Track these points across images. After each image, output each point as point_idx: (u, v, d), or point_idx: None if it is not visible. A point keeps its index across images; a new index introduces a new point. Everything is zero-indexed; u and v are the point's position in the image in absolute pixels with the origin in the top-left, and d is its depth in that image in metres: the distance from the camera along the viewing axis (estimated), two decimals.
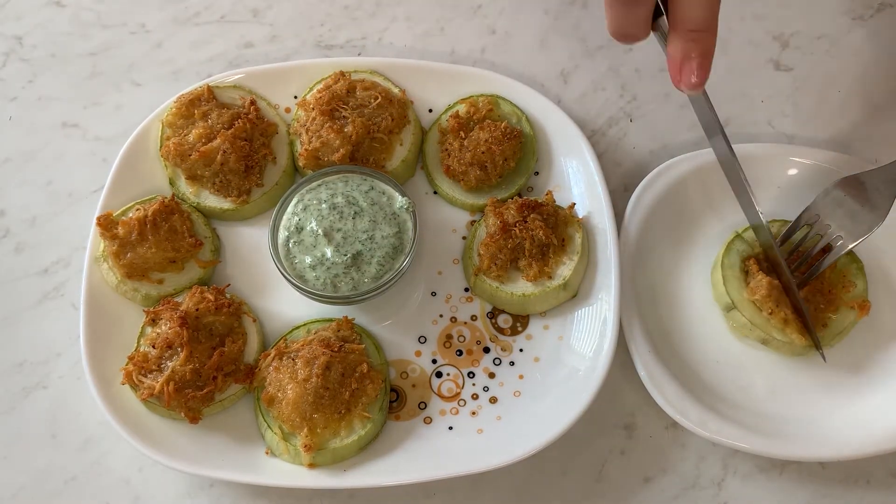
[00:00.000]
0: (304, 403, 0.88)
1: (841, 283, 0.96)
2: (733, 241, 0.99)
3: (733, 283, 0.96)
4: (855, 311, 0.95)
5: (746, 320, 0.95)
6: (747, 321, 0.95)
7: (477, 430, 0.93)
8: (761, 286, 0.94)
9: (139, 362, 0.90)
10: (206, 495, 0.93)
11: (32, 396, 0.98)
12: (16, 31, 1.18)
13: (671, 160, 1.03)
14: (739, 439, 0.89)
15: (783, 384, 0.96)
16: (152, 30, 1.18)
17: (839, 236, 0.94)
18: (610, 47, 1.17)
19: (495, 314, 0.99)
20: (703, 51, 0.77)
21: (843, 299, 0.96)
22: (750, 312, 0.95)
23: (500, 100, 1.05)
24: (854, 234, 0.93)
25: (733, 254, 0.98)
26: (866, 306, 0.94)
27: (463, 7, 1.20)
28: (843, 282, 0.96)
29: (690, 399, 0.91)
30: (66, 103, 1.14)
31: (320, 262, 0.92)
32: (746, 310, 0.95)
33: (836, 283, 0.96)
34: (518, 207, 0.97)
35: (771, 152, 1.05)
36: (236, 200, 1.00)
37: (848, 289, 0.96)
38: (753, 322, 0.94)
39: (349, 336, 0.94)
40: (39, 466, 0.95)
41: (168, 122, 1.02)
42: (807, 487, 0.93)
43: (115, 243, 0.94)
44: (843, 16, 1.19)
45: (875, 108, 1.13)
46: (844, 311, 0.96)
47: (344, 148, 0.98)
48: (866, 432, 0.91)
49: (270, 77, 1.07)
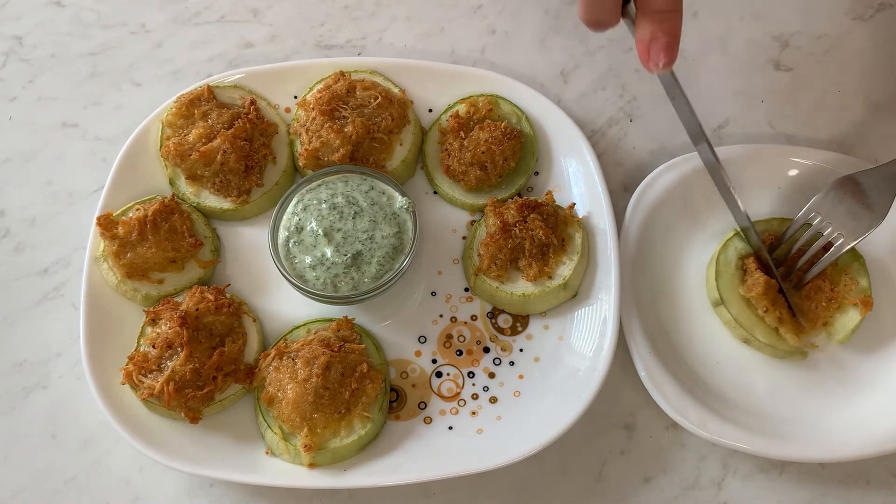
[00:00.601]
0: (304, 403, 0.88)
1: (843, 280, 0.96)
2: (732, 239, 0.99)
3: (725, 280, 0.97)
4: (859, 308, 0.95)
5: (731, 317, 0.95)
6: (732, 318, 0.95)
7: (477, 430, 0.93)
8: (758, 284, 0.95)
9: (139, 362, 0.90)
10: (206, 495, 0.93)
11: (32, 396, 0.98)
12: (16, 31, 1.18)
13: (672, 160, 1.03)
14: (740, 440, 0.89)
15: (784, 384, 0.96)
16: (152, 30, 1.18)
17: (839, 234, 0.94)
18: (610, 47, 1.17)
19: (495, 314, 0.99)
20: (670, 30, 0.79)
21: (846, 297, 0.96)
22: (736, 310, 0.95)
23: (500, 100, 1.05)
24: (854, 232, 0.94)
25: (730, 250, 0.98)
26: (869, 302, 0.94)
27: (463, 7, 1.20)
28: (845, 279, 0.96)
29: (690, 399, 0.91)
30: (66, 103, 1.14)
31: (320, 262, 0.92)
32: (733, 307, 0.95)
33: (839, 281, 0.97)
34: (518, 207, 0.97)
35: (771, 152, 1.05)
36: (236, 200, 1.00)
37: (850, 286, 0.96)
38: (738, 320, 0.95)
39: (349, 336, 0.94)
40: (39, 466, 0.95)
41: (168, 122, 1.02)
42: (807, 487, 0.93)
43: (115, 243, 0.94)
44: (843, 16, 1.19)
45: (875, 108, 1.13)
46: (847, 309, 0.96)
47: (344, 148, 0.98)
48: (867, 433, 0.91)
49: (270, 77, 1.07)
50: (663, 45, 0.80)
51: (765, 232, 1.00)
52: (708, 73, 1.16)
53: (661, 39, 0.79)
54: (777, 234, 1.00)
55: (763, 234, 1.00)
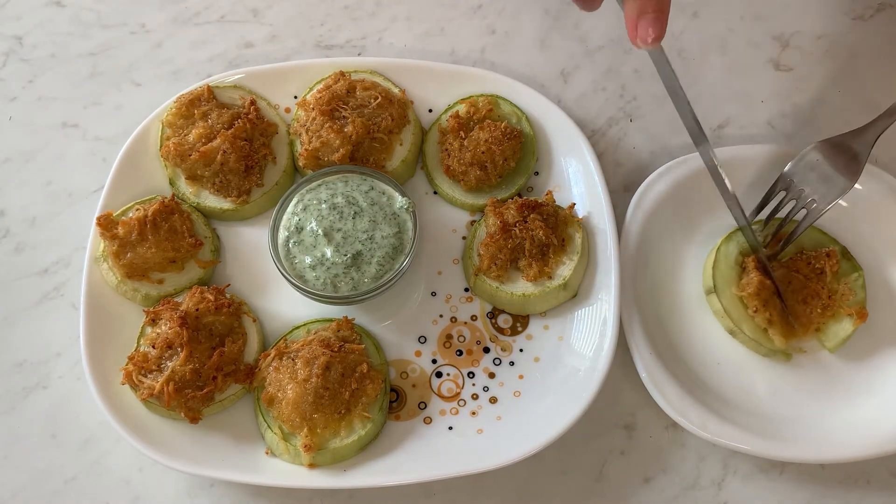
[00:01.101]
0: (304, 403, 0.88)
1: (841, 289, 0.97)
2: (735, 233, 0.99)
3: (722, 270, 0.97)
4: (853, 319, 0.95)
5: (721, 307, 0.95)
6: (722, 308, 0.95)
7: (477, 430, 0.93)
8: (752, 283, 0.95)
9: (139, 362, 0.90)
10: (207, 495, 0.93)
11: (32, 396, 0.98)
12: (16, 31, 1.18)
13: (672, 161, 1.03)
14: (740, 440, 0.89)
15: (784, 386, 0.96)
16: (152, 30, 1.18)
17: (813, 200, 0.95)
18: (610, 47, 1.17)
19: (495, 314, 0.99)
20: (658, 6, 0.80)
21: (843, 305, 0.96)
22: (727, 300, 0.96)
23: (500, 100, 1.05)
24: (827, 197, 0.94)
25: (732, 244, 0.98)
26: (864, 315, 0.95)
27: (463, 7, 1.20)
28: (843, 289, 0.97)
29: (690, 400, 0.91)
30: (66, 103, 1.14)
31: (320, 262, 0.92)
32: (725, 297, 0.96)
33: (836, 290, 0.97)
34: (518, 207, 0.97)
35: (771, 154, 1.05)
36: (236, 200, 1.00)
37: (847, 296, 0.96)
38: (727, 310, 0.95)
39: (349, 336, 0.94)
40: (39, 466, 0.95)
41: (168, 122, 1.02)
42: (807, 487, 0.93)
43: (115, 243, 0.94)
44: (843, 16, 1.19)
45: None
46: (841, 318, 0.96)
47: (344, 148, 0.98)
48: (867, 434, 0.91)
49: (270, 77, 1.07)
50: (651, 20, 0.80)
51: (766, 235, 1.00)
52: (708, 73, 1.16)
53: (648, 14, 0.79)
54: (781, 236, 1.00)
55: (764, 236, 1.00)
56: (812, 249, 0.99)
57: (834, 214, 1.00)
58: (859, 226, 1.01)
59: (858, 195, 1.00)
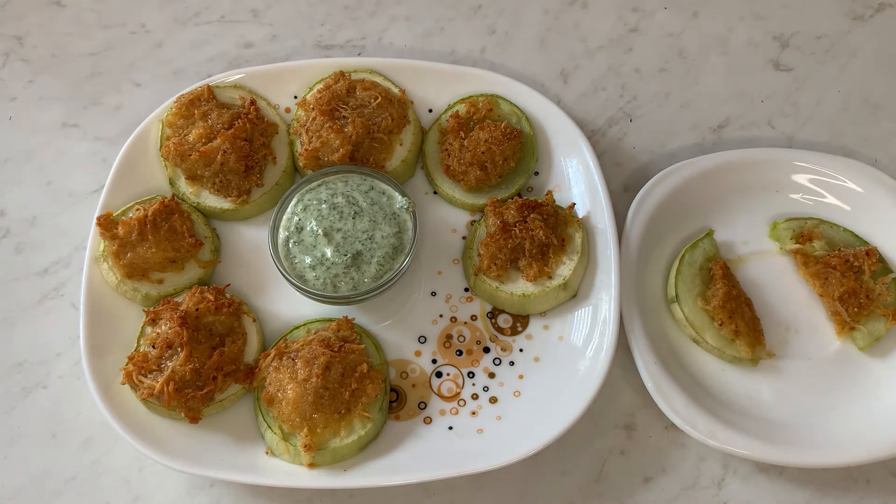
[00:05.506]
0: (304, 403, 0.88)
1: (878, 289, 0.97)
2: (702, 239, 0.99)
3: (685, 278, 0.97)
4: (888, 319, 0.95)
5: (683, 316, 0.95)
6: (684, 317, 0.95)
7: (477, 430, 0.93)
8: (717, 295, 0.95)
9: (139, 362, 0.90)
10: (206, 495, 0.93)
11: (32, 396, 0.98)
12: (16, 31, 1.18)
13: (674, 165, 1.02)
14: (741, 445, 0.89)
15: (786, 389, 0.95)
16: (152, 30, 1.18)
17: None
18: (610, 47, 1.17)
19: (495, 314, 0.99)
20: None
21: (879, 306, 0.96)
22: (690, 309, 0.96)
23: (499, 100, 1.05)
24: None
25: (698, 250, 0.98)
26: None
27: (463, 7, 1.20)
28: (879, 288, 0.97)
29: (692, 403, 0.91)
30: (66, 103, 1.14)
31: (320, 262, 0.92)
32: (687, 305, 0.96)
33: (874, 289, 0.97)
34: (518, 207, 0.97)
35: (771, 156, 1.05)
36: (236, 200, 1.00)
37: (885, 296, 0.97)
38: (689, 319, 0.95)
39: (349, 336, 0.94)
40: (39, 466, 0.95)
41: (168, 122, 1.02)
42: (807, 487, 0.93)
43: (115, 243, 0.94)
44: (843, 16, 1.19)
45: (875, 108, 1.13)
46: (878, 318, 0.96)
47: (344, 148, 0.98)
48: (868, 437, 0.90)
49: (270, 77, 1.07)
50: None
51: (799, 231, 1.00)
52: (708, 73, 1.16)
53: None
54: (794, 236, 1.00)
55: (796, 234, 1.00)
56: (848, 247, 0.99)
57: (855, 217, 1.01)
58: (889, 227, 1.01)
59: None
